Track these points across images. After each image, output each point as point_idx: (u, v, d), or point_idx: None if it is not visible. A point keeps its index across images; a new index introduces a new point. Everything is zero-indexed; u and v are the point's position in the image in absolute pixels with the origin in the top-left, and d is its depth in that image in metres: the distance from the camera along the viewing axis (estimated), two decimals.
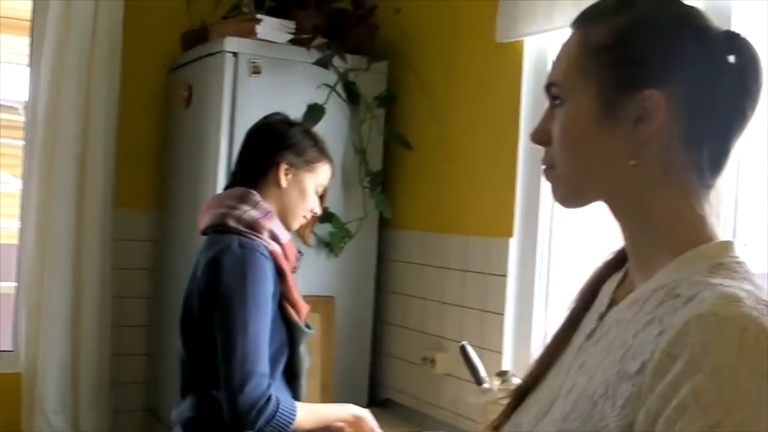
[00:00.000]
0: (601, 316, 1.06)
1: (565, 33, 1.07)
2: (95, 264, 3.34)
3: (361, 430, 2.21)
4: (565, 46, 1.05)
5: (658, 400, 0.84)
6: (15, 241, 3.57)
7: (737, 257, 0.96)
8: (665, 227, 0.99)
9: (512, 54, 2.68)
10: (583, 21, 1.04)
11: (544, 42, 2.61)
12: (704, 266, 0.94)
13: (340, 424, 2.19)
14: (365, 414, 2.24)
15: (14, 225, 3.61)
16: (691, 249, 0.97)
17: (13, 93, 4.03)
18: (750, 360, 0.81)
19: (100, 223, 3.35)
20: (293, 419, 2.05)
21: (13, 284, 3.55)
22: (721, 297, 0.87)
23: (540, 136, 1.06)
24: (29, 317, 3.36)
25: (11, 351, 3.50)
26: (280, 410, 2.02)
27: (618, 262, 1.14)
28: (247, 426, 1.98)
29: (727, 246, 0.98)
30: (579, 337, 1.09)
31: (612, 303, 1.07)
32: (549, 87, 1.04)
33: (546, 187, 2.56)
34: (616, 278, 1.12)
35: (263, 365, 2.04)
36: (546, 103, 1.06)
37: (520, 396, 1.13)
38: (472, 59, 2.89)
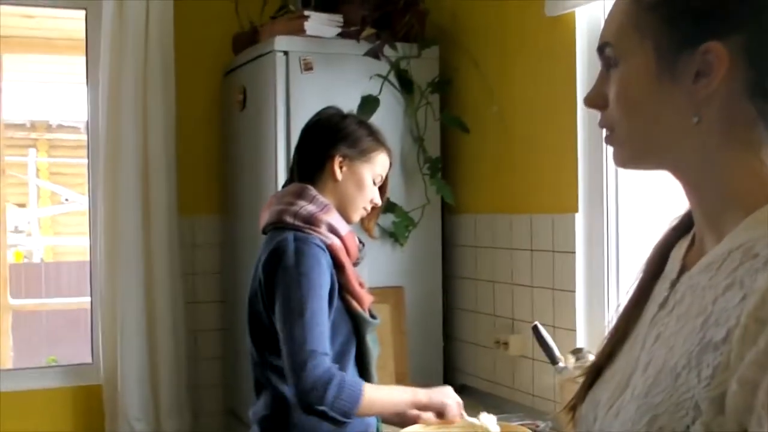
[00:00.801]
0: (673, 284, 1.02)
1: None
2: (165, 271, 3.40)
3: (444, 416, 2.18)
4: (617, 4, 1.01)
5: (752, 369, 0.80)
6: (87, 257, 3.66)
7: None
8: (734, 185, 0.96)
9: (563, 27, 2.64)
10: None
11: (595, 10, 2.56)
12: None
13: (415, 412, 2.16)
14: (448, 400, 2.19)
15: (85, 242, 3.70)
16: (763, 205, 0.93)
17: (75, 113, 4.13)
18: None
19: (166, 230, 3.40)
20: (361, 394, 2.02)
21: (88, 299, 3.63)
22: None
23: (595, 100, 1.02)
24: (105, 329, 3.43)
25: (90, 363, 3.59)
26: (347, 385, 2.01)
27: (685, 226, 1.10)
28: (315, 403, 1.97)
29: None
30: (651, 308, 1.05)
31: (683, 269, 1.03)
32: (602, 48, 1.00)
33: (609, 158, 2.53)
34: (684, 243, 1.08)
35: (324, 345, 2.03)
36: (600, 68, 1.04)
37: (596, 373, 1.10)
38: (523, 36, 2.86)
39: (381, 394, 2.14)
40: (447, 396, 2.20)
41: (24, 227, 9.33)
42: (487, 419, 2.21)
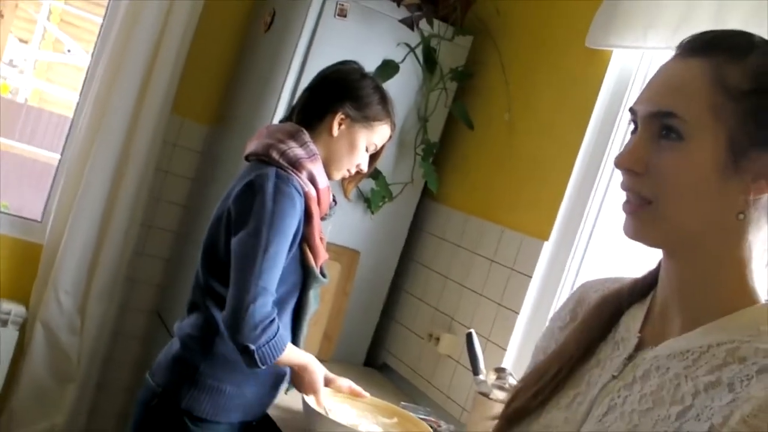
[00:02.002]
0: (630, 357, 1.02)
1: (659, 55, 1.02)
2: (140, 162, 3.38)
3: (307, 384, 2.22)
4: (683, 75, 0.96)
5: None
6: (71, 114, 3.63)
7: None
8: (728, 283, 0.97)
9: (598, 62, 2.63)
10: (705, 50, 0.96)
11: (631, 58, 2.56)
12: (755, 329, 0.92)
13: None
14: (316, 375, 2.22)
15: (74, 98, 3.65)
16: (742, 308, 0.95)
17: None
18: None
19: (154, 122, 3.38)
20: (284, 348, 2.08)
21: (58, 156, 3.60)
22: None
23: (635, 164, 0.96)
24: (65, 193, 3.39)
25: (39, 222, 3.57)
26: (278, 336, 2.04)
27: (639, 293, 1.09)
28: (248, 339, 1.99)
29: None
30: (600, 373, 1.04)
31: (641, 343, 1.03)
32: (663, 115, 0.95)
33: (593, 199, 2.56)
34: (638, 313, 1.07)
35: (274, 287, 2.06)
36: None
37: (519, 415, 1.09)
38: (557, 58, 2.85)
39: (294, 354, 2.17)
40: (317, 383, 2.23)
41: (19, 63, 9.20)
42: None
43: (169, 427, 2.14)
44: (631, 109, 1.00)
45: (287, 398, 2.41)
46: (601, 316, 1.10)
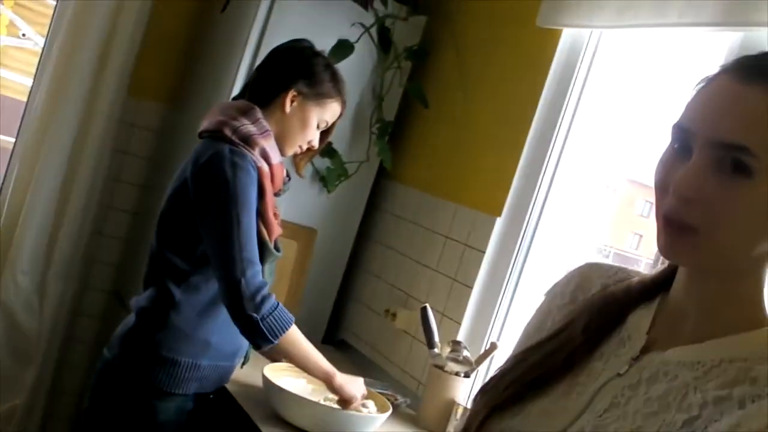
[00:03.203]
0: (636, 358, 1.02)
1: (606, 34, 0.98)
2: (96, 144, 3.38)
3: (345, 405, 2.29)
4: (753, 106, 0.89)
5: None
6: (24, 98, 3.61)
7: None
8: (749, 299, 0.98)
9: (549, 41, 2.68)
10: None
11: (580, 37, 2.62)
12: (765, 350, 0.94)
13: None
14: (357, 394, 2.29)
15: (27, 82, 3.64)
16: (758, 327, 0.97)
17: None
18: None
19: (110, 103, 3.37)
20: (291, 323, 2.13)
21: (12, 140, 3.59)
22: None
23: (695, 192, 0.91)
24: (21, 172, 3.38)
25: None
26: (281, 307, 2.10)
27: (648, 293, 1.08)
28: (252, 310, 2.04)
29: None
30: (602, 367, 1.04)
31: (648, 345, 1.03)
32: (734, 149, 0.89)
33: (544, 176, 2.62)
34: (646, 312, 1.07)
35: (257, 256, 2.11)
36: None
37: (510, 399, 1.06)
38: (509, 37, 2.90)
39: (307, 344, 2.22)
40: (358, 391, 2.29)
41: None
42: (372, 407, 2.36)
43: (127, 399, 2.17)
44: (683, 127, 0.94)
45: (245, 373, 2.45)
46: (610, 311, 1.08)
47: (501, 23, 2.95)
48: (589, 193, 2.70)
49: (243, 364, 2.38)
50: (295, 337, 2.17)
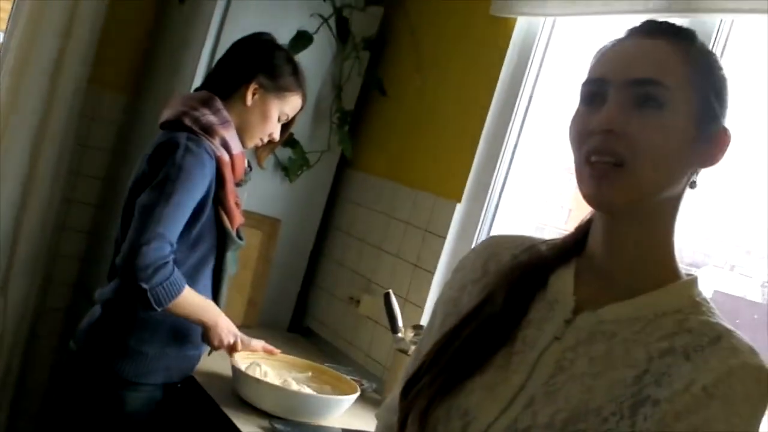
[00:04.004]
0: (568, 320, 1.05)
1: (559, 21, 1.03)
2: (57, 137, 3.37)
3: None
4: (657, 50, 1.02)
5: (687, 429, 0.91)
6: None
7: (704, 293, 1.06)
8: (667, 253, 1.06)
9: (503, 29, 2.73)
10: (666, 33, 1.03)
11: (535, 25, 2.67)
12: (690, 300, 1.02)
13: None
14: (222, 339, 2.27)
15: None
16: (676, 279, 1.05)
17: None
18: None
19: (71, 96, 3.37)
20: (182, 290, 2.08)
21: None
22: (750, 350, 0.96)
23: (616, 125, 0.99)
24: None
25: None
26: (173, 278, 2.05)
27: (566, 254, 1.12)
28: (140, 279, 2.00)
29: (697, 281, 1.06)
30: (537, 334, 1.06)
31: (579, 307, 1.06)
32: (644, 83, 1.00)
33: (503, 160, 2.67)
34: (565, 275, 1.10)
35: (173, 235, 2.07)
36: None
37: (448, 377, 1.06)
38: (464, 25, 2.94)
39: (198, 304, 2.19)
40: (225, 337, 2.27)
41: None
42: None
43: (94, 391, 2.18)
44: (595, 80, 1.04)
45: (212, 362, 2.48)
46: (527, 279, 1.11)
47: (456, 12, 2.99)
48: (547, 177, 2.76)
49: (210, 352, 2.41)
50: (186, 301, 2.11)
